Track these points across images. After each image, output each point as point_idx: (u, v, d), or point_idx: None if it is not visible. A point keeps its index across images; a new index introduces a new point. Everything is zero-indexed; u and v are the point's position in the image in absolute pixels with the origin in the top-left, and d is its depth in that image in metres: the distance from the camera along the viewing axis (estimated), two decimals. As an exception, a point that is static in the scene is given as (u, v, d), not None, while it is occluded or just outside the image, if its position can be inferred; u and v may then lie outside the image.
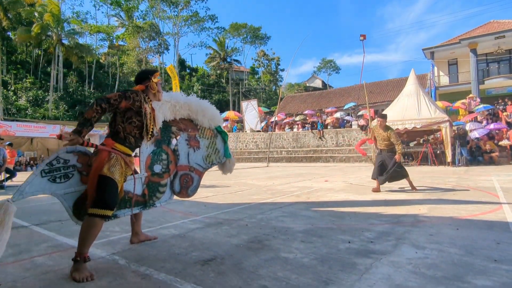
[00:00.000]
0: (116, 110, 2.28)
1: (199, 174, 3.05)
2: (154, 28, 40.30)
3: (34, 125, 18.18)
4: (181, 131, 2.98)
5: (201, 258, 2.39)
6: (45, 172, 2.16)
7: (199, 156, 3.06)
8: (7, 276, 2.11)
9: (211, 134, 3.14)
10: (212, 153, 3.12)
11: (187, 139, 3.03)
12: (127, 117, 2.32)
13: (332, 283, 1.91)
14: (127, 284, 1.95)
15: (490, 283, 1.86)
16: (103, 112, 2.16)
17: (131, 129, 2.34)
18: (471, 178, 8.10)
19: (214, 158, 3.12)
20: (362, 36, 15.21)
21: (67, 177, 2.23)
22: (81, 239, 2.09)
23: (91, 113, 2.12)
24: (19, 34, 29.09)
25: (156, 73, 2.54)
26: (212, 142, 3.13)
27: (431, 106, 13.39)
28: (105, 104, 2.17)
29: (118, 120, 2.32)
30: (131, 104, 2.29)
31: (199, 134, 3.09)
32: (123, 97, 2.25)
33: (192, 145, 3.03)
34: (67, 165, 2.24)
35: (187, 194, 3.00)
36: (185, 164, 2.99)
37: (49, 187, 2.16)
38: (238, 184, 8.02)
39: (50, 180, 2.16)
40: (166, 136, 2.91)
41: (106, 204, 2.11)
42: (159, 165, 2.82)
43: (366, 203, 4.79)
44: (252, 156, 21.99)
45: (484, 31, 22.80)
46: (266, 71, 48.55)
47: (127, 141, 2.34)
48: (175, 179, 2.94)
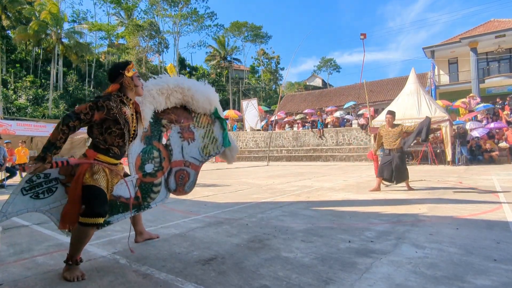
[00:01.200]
0: (91, 123, 2.06)
1: (195, 168, 2.82)
2: (154, 26, 40.24)
3: (34, 124, 18.20)
4: (172, 123, 2.74)
5: (202, 258, 2.40)
6: (26, 190, 2.05)
7: (194, 148, 2.82)
8: (9, 275, 2.12)
9: (207, 121, 2.87)
10: (209, 143, 2.86)
11: (180, 131, 2.79)
12: (105, 128, 2.10)
13: (333, 282, 1.92)
14: (128, 283, 1.96)
15: (489, 283, 1.86)
16: (72, 131, 1.96)
17: (112, 140, 2.13)
18: (471, 177, 8.10)
19: (211, 149, 2.86)
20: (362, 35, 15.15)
21: (50, 191, 2.12)
22: (72, 245, 2.06)
23: (56, 134, 1.92)
24: (18, 32, 29.05)
25: (129, 66, 2.22)
26: (209, 131, 2.86)
27: (431, 105, 13.39)
28: (73, 121, 1.95)
29: (95, 132, 2.12)
30: (106, 114, 2.05)
31: (194, 123, 2.83)
32: (94, 108, 2.01)
33: (186, 137, 2.80)
34: (49, 178, 2.11)
35: (184, 191, 2.80)
36: (179, 159, 2.77)
37: (32, 205, 2.07)
38: (238, 183, 8.03)
39: (33, 197, 2.07)
40: (157, 131, 2.69)
41: (96, 212, 2.00)
42: (151, 164, 2.63)
43: (366, 203, 4.79)
44: (252, 155, 21.99)
45: (484, 30, 22.77)
46: (266, 70, 48.54)
47: (111, 151, 2.16)
48: (170, 177, 2.75)
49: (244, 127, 25.31)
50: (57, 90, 32.44)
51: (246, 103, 25.69)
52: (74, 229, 2.09)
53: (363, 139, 18.75)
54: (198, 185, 7.66)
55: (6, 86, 30.99)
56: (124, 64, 2.24)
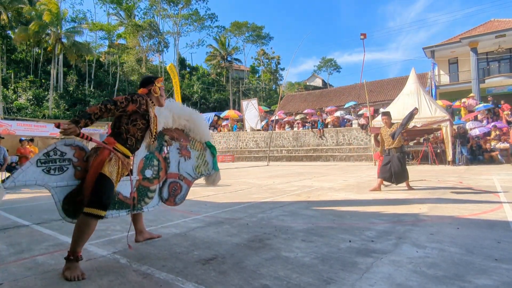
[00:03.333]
0: (122, 112, 2.29)
1: (188, 183, 3.08)
2: (154, 26, 40.25)
3: (35, 124, 18.18)
4: (173, 140, 3.03)
5: (202, 257, 2.39)
6: (41, 162, 2.15)
7: (189, 165, 3.09)
8: (9, 275, 2.12)
9: (201, 147, 3.19)
10: (202, 164, 3.17)
11: (179, 148, 3.07)
12: (132, 120, 2.34)
13: (333, 282, 1.91)
14: (128, 283, 1.96)
15: (490, 282, 1.86)
16: (106, 112, 2.16)
17: (134, 131, 2.36)
18: (472, 177, 8.10)
19: (203, 169, 3.16)
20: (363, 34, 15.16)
21: (61, 170, 2.22)
22: (74, 238, 2.10)
23: (94, 109, 2.13)
24: (18, 33, 29.07)
25: (160, 79, 2.59)
26: (201, 154, 3.18)
27: (432, 105, 13.39)
28: (111, 105, 2.18)
29: (122, 121, 2.34)
30: (138, 107, 2.32)
31: (190, 145, 3.14)
32: (130, 100, 2.28)
33: (184, 154, 3.08)
34: (63, 157, 2.24)
35: (175, 202, 3.01)
36: (175, 172, 3.03)
37: (42, 178, 2.14)
38: (238, 183, 8.02)
39: (44, 171, 2.16)
40: (159, 143, 2.94)
41: (102, 204, 2.12)
42: (150, 170, 2.84)
43: (367, 202, 4.79)
44: (252, 155, 21.99)
45: (484, 30, 22.76)
46: (266, 70, 48.53)
47: (128, 142, 2.35)
48: (164, 186, 2.96)
49: (244, 127, 25.29)
50: (57, 90, 32.45)
51: (246, 103, 25.68)
52: (77, 220, 2.14)
53: (363, 139, 18.75)
54: (198, 185, 7.65)
55: (6, 86, 31.01)
56: (157, 76, 2.62)
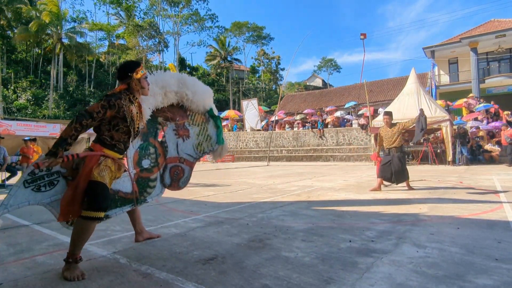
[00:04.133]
0: (101, 120, 2.14)
1: (189, 164, 2.91)
2: (154, 26, 40.24)
3: (35, 124, 18.18)
4: (168, 121, 2.81)
5: (202, 257, 2.39)
6: (28, 183, 2.07)
7: (189, 145, 2.90)
8: (9, 275, 2.11)
9: (202, 119, 2.93)
10: (203, 140, 2.93)
11: (175, 128, 2.88)
12: (113, 125, 2.18)
13: (333, 282, 1.91)
14: (128, 283, 1.95)
15: (491, 282, 1.86)
16: (84, 128, 2.03)
17: (119, 136, 2.23)
18: (472, 177, 8.09)
19: (205, 146, 2.93)
20: (363, 34, 15.16)
21: (52, 184, 2.15)
22: (73, 241, 2.08)
23: (68, 131, 1.98)
24: (18, 33, 29.07)
25: (138, 68, 2.28)
26: (203, 129, 2.94)
27: (432, 105, 13.39)
28: (86, 120, 2.03)
29: (103, 128, 2.19)
30: (116, 111, 2.14)
31: (189, 121, 2.90)
32: (106, 107, 2.10)
33: (181, 135, 2.89)
34: (51, 172, 2.14)
35: (178, 186, 2.88)
36: (174, 155, 2.87)
37: (34, 197, 2.08)
38: (238, 183, 8.02)
39: (34, 190, 2.08)
40: (153, 128, 2.77)
41: (99, 206, 2.07)
42: (147, 160, 2.72)
43: (367, 202, 4.79)
44: (252, 155, 21.98)
45: (484, 30, 22.76)
46: (266, 70, 48.52)
47: (116, 147, 2.25)
48: (165, 172, 2.83)
49: (244, 127, 25.29)
50: (57, 90, 32.45)
51: (246, 103, 25.68)
52: (75, 223, 2.12)
53: (363, 139, 18.75)
54: (198, 185, 7.66)
55: (6, 86, 31.01)
56: (133, 65, 2.29)
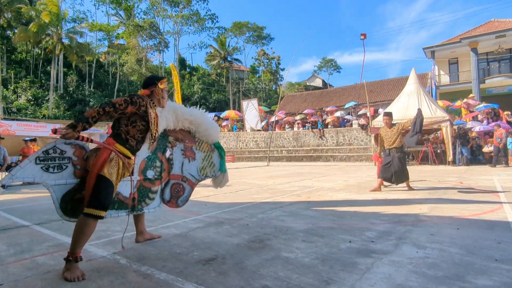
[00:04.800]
0: (121, 114, 2.28)
1: (191, 185, 3.03)
2: (154, 26, 40.25)
3: (35, 124, 18.15)
4: (177, 141, 2.98)
5: (202, 258, 2.39)
6: (40, 160, 2.14)
7: (193, 167, 3.04)
8: (9, 275, 2.12)
9: (208, 148, 3.11)
10: (207, 165, 3.10)
11: (183, 149, 3.01)
12: (132, 121, 2.33)
13: (333, 282, 1.91)
14: (128, 283, 1.96)
15: (491, 283, 1.86)
16: (105, 115, 2.16)
17: (134, 132, 2.35)
18: (472, 178, 8.09)
19: (208, 171, 3.10)
20: (363, 35, 15.17)
21: (60, 168, 2.21)
22: (74, 239, 2.10)
23: (91, 112, 2.12)
24: (18, 33, 29.08)
25: (164, 80, 2.56)
26: (208, 156, 3.11)
27: (432, 105, 13.39)
28: (109, 107, 2.17)
29: (122, 122, 2.33)
30: (137, 109, 2.30)
31: (196, 147, 3.07)
32: (129, 102, 2.26)
33: (188, 156, 3.02)
34: (63, 156, 2.23)
35: (177, 204, 2.96)
36: (178, 173, 2.98)
37: (40, 175, 2.14)
38: (238, 183, 8.02)
39: (43, 169, 2.15)
40: (162, 144, 2.90)
41: (102, 204, 2.11)
42: (152, 171, 2.80)
43: (367, 203, 4.79)
44: (252, 155, 21.98)
45: (484, 30, 22.76)
46: (266, 70, 48.52)
47: (128, 143, 2.35)
48: (166, 188, 2.92)
49: (244, 128, 25.29)
50: (57, 90, 32.46)
51: (246, 104, 25.68)
52: (78, 220, 2.14)
53: (364, 139, 18.75)
54: (198, 185, 7.63)
55: (6, 86, 31.02)
56: (160, 77, 2.58)
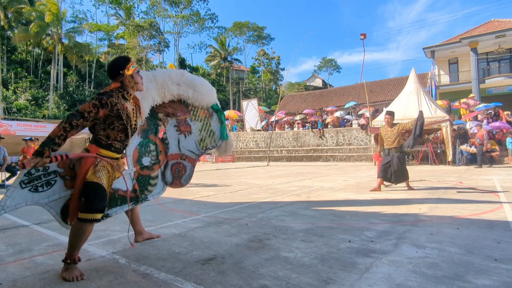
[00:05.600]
0: (94, 120, 2.07)
1: (192, 161, 2.82)
2: (154, 26, 40.27)
3: (35, 124, 18.17)
4: (169, 116, 2.74)
5: (201, 257, 2.39)
6: (25, 183, 2.04)
7: (191, 141, 2.82)
8: (8, 275, 2.11)
9: (205, 114, 2.83)
10: (206, 136, 2.84)
11: (177, 124, 2.79)
12: (108, 124, 2.12)
13: (333, 282, 1.91)
14: (127, 283, 1.95)
15: (490, 283, 1.86)
16: (74, 129, 1.95)
17: (115, 135, 2.16)
18: (472, 177, 8.09)
19: (208, 142, 2.84)
20: (362, 35, 15.15)
21: (49, 184, 2.12)
22: (71, 243, 2.05)
23: (57, 131, 1.91)
24: (18, 33, 29.08)
25: (129, 64, 2.19)
26: (206, 124, 2.83)
27: (432, 105, 13.39)
28: (77, 120, 1.95)
29: (98, 128, 2.13)
30: (109, 110, 2.07)
31: (191, 117, 2.81)
32: (98, 106, 2.03)
33: (183, 131, 2.79)
34: (48, 171, 2.11)
35: (181, 183, 2.81)
36: (175, 152, 2.80)
37: (31, 198, 2.06)
38: (238, 183, 8.02)
39: (31, 191, 2.06)
40: (153, 125, 2.71)
41: (95, 208, 2.02)
42: (147, 157, 2.66)
43: (367, 202, 4.78)
44: (252, 155, 21.99)
45: (484, 30, 22.77)
46: (266, 70, 48.54)
47: (113, 146, 2.19)
48: (167, 170, 2.77)
49: (244, 128, 25.31)
50: (57, 90, 32.47)
51: (246, 104, 25.69)
52: (73, 225, 2.09)
53: (363, 139, 18.75)
54: (198, 185, 7.65)
55: (6, 86, 31.02)
56: (124, 62, 2.20)
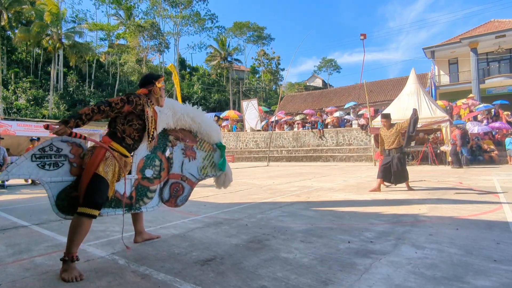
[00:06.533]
0: (118, 113, 2.27)
1: (191, 184, 3.00)
2: (155, 27, 40.30)
3: (35, 125, 18.16)
4: (178, 140, 2.96)
5: (200, 258, 2.39)
6: (36, 157, 2.14)
7: (194, 166, 3.01)
8: (7, 276, 2.11)
9: (210, 148, 3.08)
10: (209, 165, 3.08)
11: (184, 148, 2.99)
12: (128, 120, 2.33)
13: (332, 283, 1.91)
14: (126, 284, 1.95)
15: (489, 283, 1.86)
16: (99, 113, 2.14)
17: (130, 131, 2.35)
18: (472, 178, 8.09)
19: (209, 171, 3.07)
20: (362, 35, 15.17)
21: (56, 165, 2.21)
22: (69, 238, 2.09)
23: (85, 109, 2.10)
24: (18, 33, 29.10)
25: (161, 78, 2.55)
26: (209, 155, 3.08)
27: (432, 105, 13.39)
28: (104, 106, 2.16)
29: (118, 121, 2.33)
30: (133, 108, 2.30)
31: (197, 146, 3.05)
32: (125, 101, 2.26)
33: (188, 155, 3.00)
34: (59, 153, 2.22)
35: (176, 203, 2.93)
36: (178, 172, 2.95)
37: (36, 172, 2.14)
38: (238, 183, 8.02)
39: (39, 166, 2.15)
40: (162, 144, 2.88)
41: (96, 204, 2.10)
42: (150, 170, 2.78)
43: (366, 203, 4.78)
44: (252, 155, 21.98)
45: (484, 30, 22.78)
46: (266, 71, 48.55)
47: (124, 141, 2.35)
48: (165, 187, 2.89)
49: (244, 128, 25.30)
50: (57, 90, 32.48)
51: (246, 104, 25.69)
52: (72, 219, 2.12)
53: (363, 139, 18.74)
54: (198, 185, 7.63)
55: (7, 86, 31.03)
56: (157, 76, 2.57)
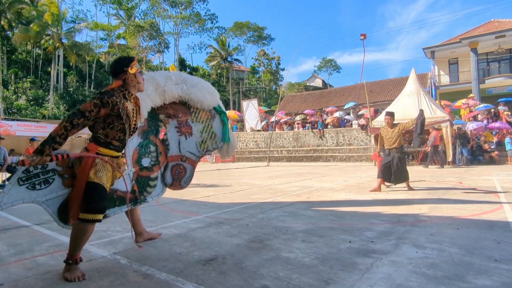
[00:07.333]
0: (95, 120, 2.07)
1: (192, 163, 2.79)
2: (155, 27, 40.30)
3: (35, 125, 18.20)
4: (170, 117, 2.71)
5: (202, 258, 2.40)
6: (22, 180, 2.03)
7: (191, 143, 2.78)
8: (9, 275, 2.12)
9: (207, 116, 2.79)
10: (208, 138, 2.79)
11: (178, 125, 2.77)
12: (108, 123, 2.12)
13: (333, 282, 1.91)
14: (128, 283, 1.96)
15: (490, 283, 1.86)
16: (74, 128, 1.94)
17: (114, 134, 2.16)
18: (472, 178, 8.10)
19: (209, 144, 2.80)
20: (362, 35, 15.16)
21: (47, 182, 2.10)
22: (72, 243, 2.05)
23: (58, 130, 1.90)
24: (18, 33, 29.10)
25: (133, 63, 2.22)
26: (207, 126, 2.79)
27: (432, 105, 13.39)
28: (78, 119, 1.94)
29: (97, 127, 2.13)
30: (110, 109, 2.07)
31: (192, 118, 2.78)
32: (99, 105, 2.02)
33: (184, 132, 2.76)
34: (46, 169, 2.10)
35: (180, 185, 2.78)
36: (176, 154, 2.76)
37: (28, 195, 2.05)
38: (238, 183, 8.02)
39: (29, 188, 2.05)
40: (154, 126, 2.68)
41: (97, 209, 2.02)
42: (147, 158, 2.63)
43: (367, 203, 4.79)
44: (252, 155, 21.99)
45: (484, 31, 22.79)
46: (266, 71, 48.56)
47: (112, 144, 2.18)
48: (166, 171, 2.74)
49: (245, 128, 25.31)
50: (57, 90, 32.48)
51: (247, 104, 25.70)
52: (74, 225, 2.09)
53: (364, 139, 18.75)
54: (198, 185, 7.66)
55: (7, 86, 31.03)
56: (127, 60, 2.23)
